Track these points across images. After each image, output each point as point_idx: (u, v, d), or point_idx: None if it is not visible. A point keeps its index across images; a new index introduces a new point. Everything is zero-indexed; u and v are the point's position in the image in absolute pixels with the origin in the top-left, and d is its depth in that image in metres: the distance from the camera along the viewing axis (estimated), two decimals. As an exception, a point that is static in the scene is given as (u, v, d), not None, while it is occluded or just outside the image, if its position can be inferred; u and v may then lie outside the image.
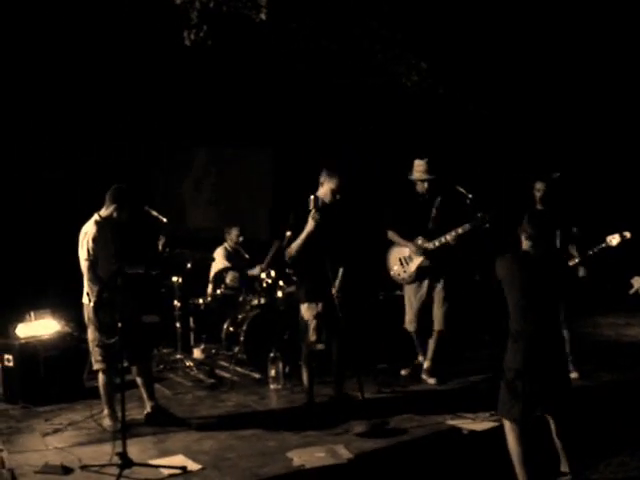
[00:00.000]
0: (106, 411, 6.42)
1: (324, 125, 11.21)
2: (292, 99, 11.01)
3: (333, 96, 10.83)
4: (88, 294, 6.21)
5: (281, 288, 8.72)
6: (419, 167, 7.59)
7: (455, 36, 10.41)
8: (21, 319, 7.52)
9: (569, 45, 11.19)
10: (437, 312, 7.64)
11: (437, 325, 7.64)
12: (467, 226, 7.29)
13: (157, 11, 8.57)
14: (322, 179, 6.69)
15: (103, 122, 10.03)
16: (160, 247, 6.81)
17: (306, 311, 6.68)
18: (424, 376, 7.70)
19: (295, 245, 6.59)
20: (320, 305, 6.60)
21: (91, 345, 6.38)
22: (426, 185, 7.57)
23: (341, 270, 6.71)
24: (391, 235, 7.76)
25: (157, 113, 10.49)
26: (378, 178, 10.64)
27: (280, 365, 7.61)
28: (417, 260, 7.57)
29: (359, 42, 9.71)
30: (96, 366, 6.38)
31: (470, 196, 7.29)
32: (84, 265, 6.22)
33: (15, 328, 7.41)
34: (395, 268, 7.75)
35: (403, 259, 7.68)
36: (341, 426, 6.24)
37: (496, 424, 6.09)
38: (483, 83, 10.90)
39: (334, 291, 6.48)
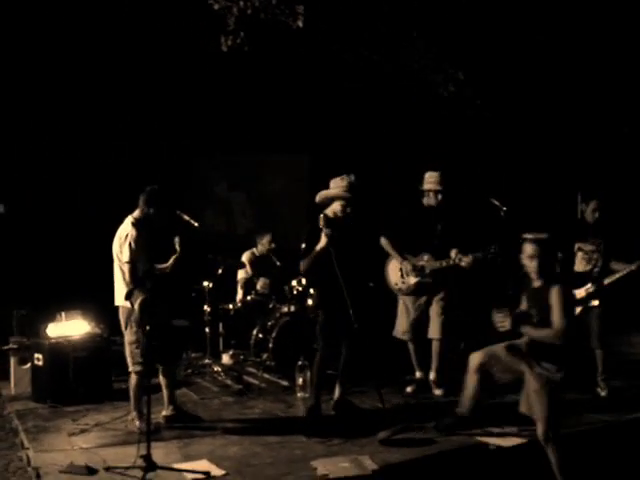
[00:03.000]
0: (134, 413, 6.44)
1: (360, 131, 11.21)
2: (328, 105, 11.01)
3: (362, 101, 10.82)
4: (129, 296, 6.12)
5: (311, 296, 8.69)
6: (431, 178, 7.52)
7: (485, 44, 10.35)
8: (52, 319, 7.60)
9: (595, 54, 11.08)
10: (434, 321, 7.55)
11: (434, 333, 7.56)
12: (479, 255, 7.27)
13: (195, 16, 8.61)
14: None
15: (136, 125, 10.12)
16: (177, 247, 6.77)
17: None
18: (433, 387, 7.64)
19: (308, 260, 6.70)
20: (323, 314, 6.82)
21: (130, 347, 6.37)
22: (440, 197, 7.48)
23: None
24: (384, 243, 7.63)
25: (194, 118, 10.55)
26: (389, 182, 10.64)
27: (308, 373, 7.56)
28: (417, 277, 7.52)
29: (395, 50, 9.70)
30: (135, 368, 6.36)
31: (504, 209, 7.22)
32: (127, 267, 6.21)
33: (46, 328, 7.48)
34: (394, 278, 7.66)
35: (404, 270, 7.57)
36: (368, 437, 6.17)
37: (524, 440, 6.04)
38: (505, 90, 10.84)
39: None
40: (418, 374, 7.78)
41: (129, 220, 6.37)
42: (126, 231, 6.29)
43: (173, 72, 10.07)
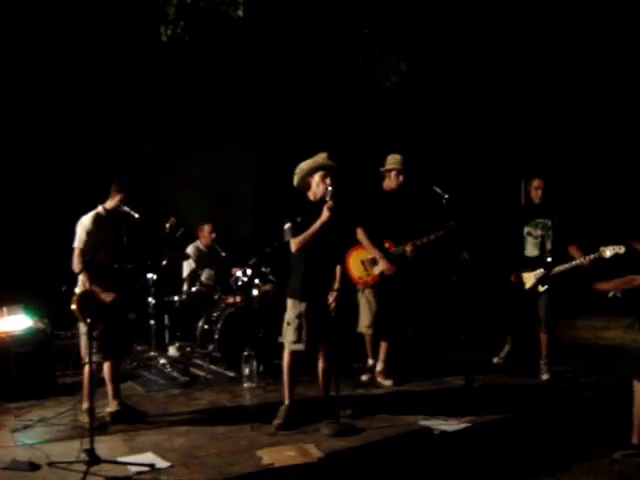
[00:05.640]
0: (86, 404, 6.32)
1: (307, 122, 11.20)
2: (275, 96, 10.99)
3: (310, 93, 10.82)
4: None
5: (257, 286, 8.69)
6: (394, 159, 7.52)
7: (435, 37, 10.42)
8: (-7, 314, 7.47)
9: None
10: (394, 314, 7.58)
11: (393, 327, 7.61)
12: (441, 233, 7.31)
13: (136, 6, 8.55)
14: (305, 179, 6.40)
15: (81, 118, 9.99)
16: (168, 229, 6.61)
17: (290, 308, 6.35)
18: (379, 379, 7.64)
19: (307, 235, 6.11)
20: (304, 305, 6.26)
21: (84, 337, 6.26)
22: (401, 178, 7.48)
23: (339, 268, 6.43)
24: (360, 235, 7.47)
25: (139, 110, 10.43)
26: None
27: (254, 363, 7.59)
28: (382, 266, 7.41)
29: (341, 40, 9.72)
30: (87, 359, 6.20)
31: (446, 196, 7.23)
32: (74, 252, 6.23)
33: (-13, 323, 7.36)
34: (356, 271, 7.54)
35: (366, 262, 7.51)
36: (312, 425, 6.18)
37: (468, 425, 6.12)
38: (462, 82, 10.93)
39: (334, 288, 6.28)
40: (371, 362, 7.81)
41: (95, 211, 6.40)
42: (88, 219, 6.32)
43: (121, 62, 9.96)
